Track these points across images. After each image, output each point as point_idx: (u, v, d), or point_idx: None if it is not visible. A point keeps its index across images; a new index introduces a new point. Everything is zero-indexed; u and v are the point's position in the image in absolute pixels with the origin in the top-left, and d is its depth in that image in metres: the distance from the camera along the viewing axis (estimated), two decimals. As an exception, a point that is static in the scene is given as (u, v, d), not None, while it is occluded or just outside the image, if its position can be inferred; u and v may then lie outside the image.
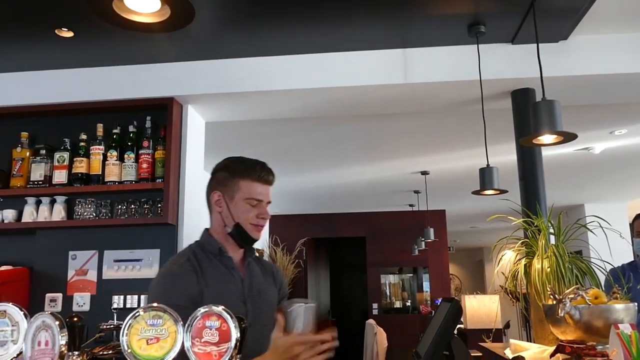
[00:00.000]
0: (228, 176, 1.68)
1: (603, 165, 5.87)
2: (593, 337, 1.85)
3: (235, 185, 1.66)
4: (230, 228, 1.66)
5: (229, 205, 1.66)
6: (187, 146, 3.23)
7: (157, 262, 3.05)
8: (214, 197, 1.68)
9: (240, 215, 1.66)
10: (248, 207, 1.66)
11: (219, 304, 1.52)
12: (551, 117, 1.82)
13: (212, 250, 1.67)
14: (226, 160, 1.73)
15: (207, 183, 1.74)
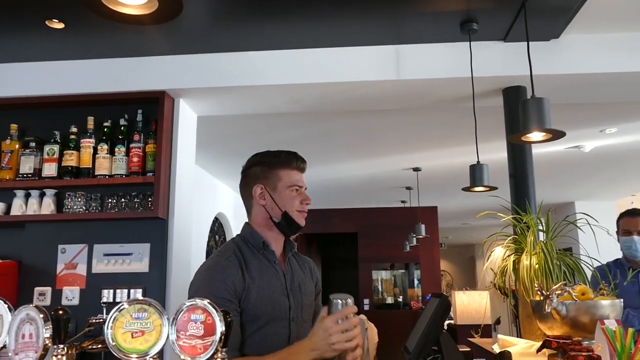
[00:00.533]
0: (266, 169, 1.71)
1: (593, 164, 5.91)
2: (579, 333, 1.87)
3: (276, 176, 1.69)
4: (277, 218, 1.68)
5: (273, 196, 1.68)
6: (179, 140, 3.22)
7: (147, 256, 3.04)
8: (257, 191, 1.69)
9: (286, 204, 1.68)
10: (292, 194, 1.69)
11: (264, 298, 1.57)
12: (540, 115, 1.83)
13: (256, 244, 1.68)
14: (257, 156, 1.76)
15: (241, 182, 1.77)
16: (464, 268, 15.13)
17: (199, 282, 1.55)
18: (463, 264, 15.25)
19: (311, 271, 1.83)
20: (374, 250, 8.67)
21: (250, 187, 1.71)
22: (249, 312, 1.55)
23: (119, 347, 0.87)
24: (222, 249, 1.67)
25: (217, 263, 1.58)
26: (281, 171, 1.70)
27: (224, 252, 1.64)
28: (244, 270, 1.58)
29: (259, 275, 1.60)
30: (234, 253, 1.63)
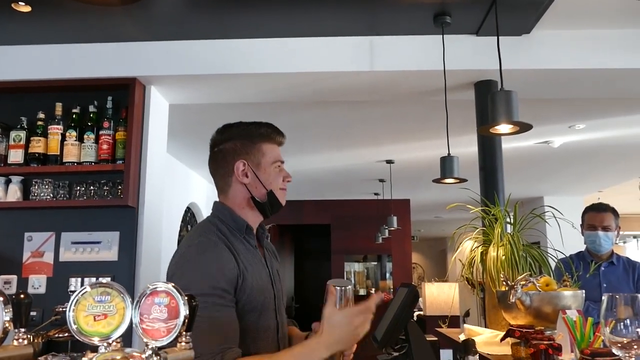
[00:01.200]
0: (247, 143, 1.53)
1: (562, 159, 6.03)
2: (542, 322, 1.92)
3: (259, 152, 1.53)
4: (261, 198, 1.52)
5: (257, 173, 1.52)
6: (150, 128, 3.18)
7: (116, 245, 3.00)
8: (239, 167, 1.51)
9: (272, 182, 1.54)
10: (277, 171, 1.56)
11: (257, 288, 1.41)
12: (508, 107, 1.87)
13: (238, 227, 1.50)
14: (234, 128, 1.58)
15: (214, 158, 1.57)
16: (435, 261, 15.32)
17: (192, 272, 1.34)
18: (434, 257, 15.45)
19: (276, 255, 1.71)
20: (347, 242, 8.71)
21: (230, 164, 1.52)
22: (244, 304, 1.38)
23: (81, 330, 0.86)
24: (202, 230, 1.47)
25: (207, 248, 1.38)
26: (264, 145, 1.54)
27: (206, 234, 1.44)
28: (236, 256, 1.41)
29: (248, 262, 1.44)
30: (218, 236, 1.43)
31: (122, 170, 2.97)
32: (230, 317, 1.32)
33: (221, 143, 1.56)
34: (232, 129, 1.57)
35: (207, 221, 1.53)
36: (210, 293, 1.29)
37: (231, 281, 1.35)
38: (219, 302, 1.30)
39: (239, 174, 1.51)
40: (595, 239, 3.00)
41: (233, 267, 1.37)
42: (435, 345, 2.73)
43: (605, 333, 1.07)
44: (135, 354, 0.84)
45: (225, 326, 1.29)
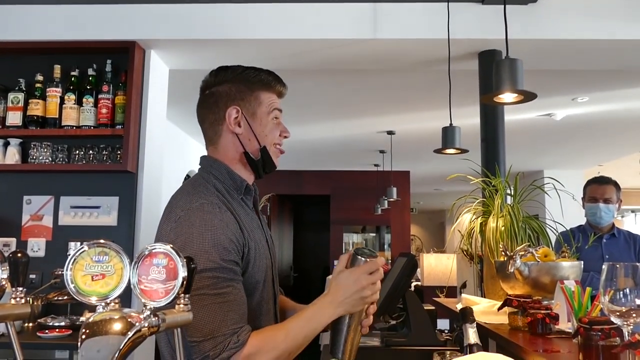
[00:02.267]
0: (243, 88, 1.34)
1: (563, 132, 6.00)
2: (540, 292, 1.93)
3: (256, 99, 1.35)
4: (256, 154, 1.35)
5: (251, 123, 1.33)
6: (149, 93, 3.14)
7: (115, 210, 3.00)
8: (232, 114, 1.32)
9: (268, 135, 1.35)
10: (273, 123, 1.37)
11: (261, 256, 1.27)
12: (513, 76, 1.83)
13: (237, 187, 1.33)
14: (229, 71, 1.38)
15: (204, 102, 1.39)
16: (433, 233, 15.41)
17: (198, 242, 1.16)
18: (433, 230, 15.54)
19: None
20: (346, 213, 8.73)
21: (222, 109, 1.34)
22: (249, 274, 1.25)
23: (78, 290, 0.85)
24: (199, 190, 1.28)
25: (211, 213, 1.20)
26: (262, 93, 1.36)
27: (205, 195, 1.26)
28: (239, 222, 1.25)
29: (250, 228, 1.29)
30: (219, 198, 1.26)
31: (122, 135, 2.95)
32: (241, 292, 1.19)
33: (213, 85, 1.37)
34: (228, 71, 1.38)
35: (201, 179, 1.33)
36: (221, 266, 1.16)
37: (239, 250, 1.21)
38: (230, 276, 1.17)
39: (231, 121, 1.33)
40: (597, 211, 3.00)
41: (240, 236, 1.22)
42: (433, 314, 2.75)
43: (604, 302, 1.07)
44: (134, 314, 0.84)
45: (238, 303, 1.17)
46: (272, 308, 1.37)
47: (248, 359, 1.12)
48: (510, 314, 1.83)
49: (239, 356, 1.11)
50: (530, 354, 1.42)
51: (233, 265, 1.19)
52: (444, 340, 2.34)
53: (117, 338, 0.81)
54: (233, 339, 1.12)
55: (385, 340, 2.28)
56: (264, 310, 1.32)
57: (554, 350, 1.42)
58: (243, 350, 1.12)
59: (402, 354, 2.17)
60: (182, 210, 1.21)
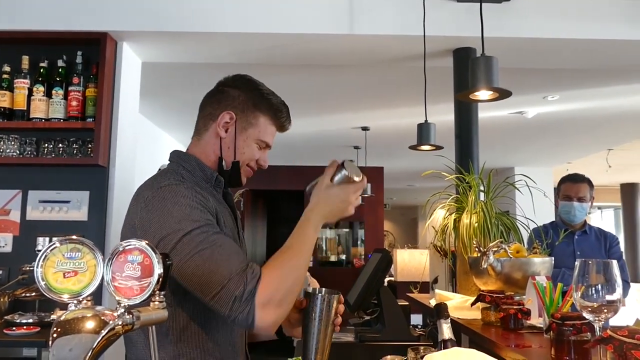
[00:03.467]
0: (249, 103, 1.37)
1: (534, 130, 6.11)
2: (512, 288, 1.96)
3: (254, 119, 1.37)
4: (225, 163, 1.36)
5: (237, 136, 1.36)
6: (121, 86, 3.08)
7: (85, 205, 2.94)
8: (224, 117, 1.35)
9: (245, 154, 1.37)
10: (256, 148, 1.39)
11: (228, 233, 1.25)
12: (488, 73, 1.85)
13: (207, 178, 1.35)
14: (249, 82, 1.40)
15: (212, 95, 1.41)
16: (406, 229, 15.55)
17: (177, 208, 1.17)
18: (406, 225, 15.67)
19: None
20: (320, 209, 8.71)
21: (220, 108, 1.36)
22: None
23: (49, 287, 0.83)
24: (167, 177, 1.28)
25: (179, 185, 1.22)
26: (262, 117, 1.38)
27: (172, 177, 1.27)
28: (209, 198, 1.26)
29: (222, 213, 1.30)
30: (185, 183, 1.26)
31: (93, 128, 2.89)
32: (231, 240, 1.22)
33: (228, 85, 1.40)
34: (248, 81, 1.41)
35: (170, 170, 1.34)
36: (205, 223, 1.17)
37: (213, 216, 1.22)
38: (216, 229, 1.18)
39: (221, 123, 1.35)
40: (570, 209, 3.04)
41: (212, 205, 1.23)
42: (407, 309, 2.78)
43: (576, 297, 1.09)
44: (107, 312, 0.82)
45: (234, 246, 1.19)
46: None
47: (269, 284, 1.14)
48: (483, 309, 1.86)
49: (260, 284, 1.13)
50: (503, 348, 1.44)
51: (214, 221, 1.21)
52: (418, 336, 2.36)
53: (90, 336, 0.79)
54: (249, 272, 1.13)
55: (359, 335, 2.29)
56: None
57: (526, 345, 1.44)
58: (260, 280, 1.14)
59: (376, 349, 2.18)
60: (149, 191, 1.22)
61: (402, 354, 2.02)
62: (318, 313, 1.27)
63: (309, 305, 1.29)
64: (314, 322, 1.28)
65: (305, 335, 1.29)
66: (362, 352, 2.22)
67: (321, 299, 1.28)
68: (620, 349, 0.90)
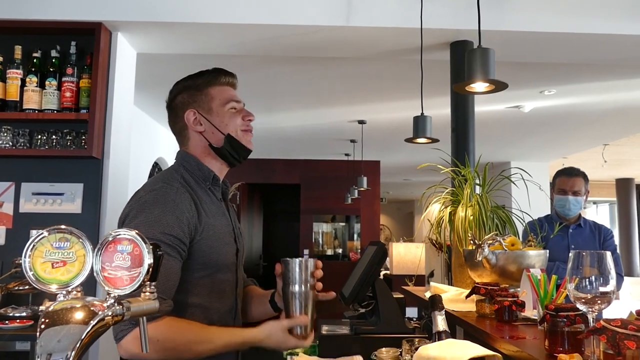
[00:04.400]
0: (193, 92, 1.50)
1: (531, 125, 6.10)
2: (507, 280, 1.95)
3: (207, 96, 1.49)
4: (220, 143, 1.48)
5: (210, 119, 1.48)
6: (116, 77, 3.05)
7: (79, 197, 2.92)
8: (190, 117, 1.48)
9: (228, 124, 1.48)
10: (232, 112, 1.50)
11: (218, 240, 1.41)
12: (485, 65, 1.84)
13: (204, 177, 1.47)
14: (179, 84, 1.55)
15: (170, 118, 1.55)
16: (402, 223, 15.56)
17: (145, 215, 1.30)
18: (402, 219, 15.69)
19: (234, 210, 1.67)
20: (316, 202, 8.73)
21: (181, 117, 1.49)
22: (202, 255, 1.37)
23: (37, 278, 0.82)
24: (165, 177, 1.42)
25: (167, 195, 1.34)
26: (211, 89, 1.50)
27: (168, 180, 1.40)
28: (198, 205, 1.38)
29: (211, 213, 1.42)
30: (181, 184, 1.40)
31: (87, 120, 2.86)
32: (173, 268, 1.29)
33: (171, 101, 1.55)
34: (179, 83, 1.55)
35: (172, 169, 1.48)
36: (159, 239, 1.25)
37: (187, 230, 1.33)
38: (166, 250, 1.26)
39: (192, 123, 1.48)
40: (565, 203, 3.05)
41: (192, 216, 1.34)
42: (402, 302, 2.77)
43: (570, 289, 1.09)
44: (97, 303, 0.81)
45: (165, 275, 1.25)
46: (231, 290, 1.49)
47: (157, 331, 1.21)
48: (478, 301, 1.85)
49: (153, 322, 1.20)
50: (497, 340, 1.44)
51: (172, 240, 1.29)
52: (413, 328, 2.36)
53: (78, 327, 0.78)
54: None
55: (354, 328, 2.29)
56: (220, 292, 1.44)
57: (520, 336, 1.44)
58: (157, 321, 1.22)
59: (371, 341, 2.18)
60: (144, 191, 1.37)
61: (397, 346, 2.02)
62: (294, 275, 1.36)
63: (284, 270, 1.38)
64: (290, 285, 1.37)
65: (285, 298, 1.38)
66: (358, 345, 2.22)
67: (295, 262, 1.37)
68: (613, 339, 0.90)
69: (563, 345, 1.14)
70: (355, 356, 2.18)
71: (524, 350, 1.27)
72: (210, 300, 1.40)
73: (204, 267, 1.38)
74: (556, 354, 1.14)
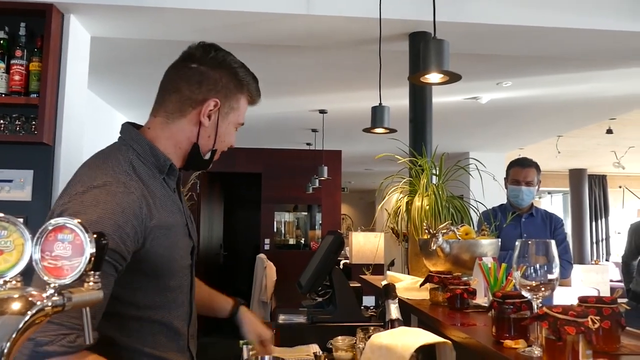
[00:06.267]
0: (230, 86, 1.30)
1: (488, 116, 6.23)
2: (460, 269, 1.99)
3: (236, 102, 1.32)
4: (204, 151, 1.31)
5: (219, 123, 1.30)
6: (68, 60, 2.95)
7: (29, 184, 2.82)
8: (209, 105, 1.27)
9: (224, 140, 1.33)
10: (232, 132, 1.35)
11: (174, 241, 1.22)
12: (439, 57, 1.86)
13: (160, 166, 1.25)
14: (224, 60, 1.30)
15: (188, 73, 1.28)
16: (364, 213, 15.70)
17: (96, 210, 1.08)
18: (364, 209, 15.82)
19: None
20: (278, 192, 8.70)
21: (203, 94, 1.27)
22: (150, 263, 1.18)
23: (-28, 267, 0.78)
24: (110, 166, 1.18)
25: (110, 197, 1.11)
26: (243, 98, 1.35)
27: (114, 172, 1.16)
28: (151, 204, 1.17)
29: (165, 211, 1.22)
30: (130, 177, 1.17)
31: (37, 105, 2.76)
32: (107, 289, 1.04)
33: (204, 64, 1.29)
34: (227, 57, 1.32)
35: (117, 153, 1.23)
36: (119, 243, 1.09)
37: (131, 241, 1.11)
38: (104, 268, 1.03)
39: (205, 111, 1.27)
40: (519, 193, 3.12)
41: (140, 223, 1.13)
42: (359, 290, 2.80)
43: (516, 277, 1.11)
44: (35, 293, 0.78)
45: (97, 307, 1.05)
46: (186, 294, 1.31)
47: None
48: (432, 290, 1.88)
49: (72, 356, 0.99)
50: (448, 327, 1.46)
51: (112, 255, 1.07)
52: (369, 317, 2.39)
53: (15, 318, 0.75)
54: (70, 337, 0.99)
55: (311, 317, 2.30)
56: (179, 300, 1.27)
57: (471, 323, 1.47)
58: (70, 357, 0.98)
59: (328, 330, 2.20)
60: (82, 186, 1.13)
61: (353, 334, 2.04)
62: None
63: None
64: None
65: None
66: (314, 333, 2.23)
67: None
68: (554, 325, 0.93)
69: (509, 331, 1.17)
70: (311, 345, 2.20)
71: (472, 337, 1.30)
72: (166, 308, 1.24)
73: (154, 276, 1.20)
74: (502, 340, 1.17)
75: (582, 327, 0.92)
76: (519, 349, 1.12)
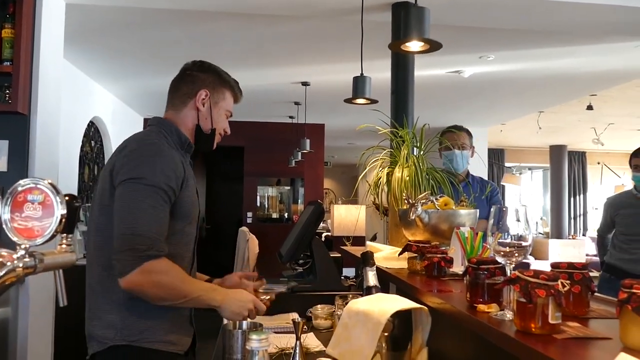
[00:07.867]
0: (218, 81, 1.75)
1: (471, 90, 6.23)
2: (438, 239, 2.01)
3: (222, 94, 1.75)
4: (206, 131, 1.72)
5: (212, 108, 1.73)
6: (42, 27, 2.88)
7: (5, 155, 2.77)
8: (201, 94, 1.71)
9: (219, 123, 1.76)
10: (224, 118, 1.78)
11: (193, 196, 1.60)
12: (420, 24, 1.85)
13: (182, 143, 1.68)
14: (211, 65, 1.77)
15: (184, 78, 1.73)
16: (347, 187, 15.74)
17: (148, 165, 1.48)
18: (347, 183, 15.87)
19: None
20: (260, 165, 8.67)
21: (196, 88, 1.70)
22: (183, 205, 1.55)
23: (-62, 229, 0.77)
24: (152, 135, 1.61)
25: (162, 147, 1.54)
26: (227, 92, 1.77)
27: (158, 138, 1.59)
28: (183, 162, 1.60)
29: (189, 173, 1.63)
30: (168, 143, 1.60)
31: (10, 73, 2.70)
32: (167, 216, 1.49)
33: (196, 70, 1.74)
34: (210, 67, 1.77)
35: (153, 132, 1.64)
36: (161, 188, 1.47)
37: (178, 182, 1.52)
38: (165, 198, 1.47)
39: (199, 100, 1.70)
40: (453, 157, 3.09)
41: (181, 171, 1.55)
42: (339, 261, 2.82)
43: (490, 242, 1.13)
44: (4, 254, 0.77)
45: (164, 221, 1.47)
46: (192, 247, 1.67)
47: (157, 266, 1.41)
48: (410, 258, 1.90)
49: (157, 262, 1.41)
50: (425, 294, 1.49)
51: (169, 191, 1.49)
52: (348, 286, 2.41)
53: (-16, 279, 0.74)
54: (160, 245, 1.42)
55: (291, 286, 2.31)
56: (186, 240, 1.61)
57: (447, 290, 1.50)
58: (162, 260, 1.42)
59: (308, 299, 2.22)
60: (135, 144, 1.56)
61: (333, 303, 2.06)
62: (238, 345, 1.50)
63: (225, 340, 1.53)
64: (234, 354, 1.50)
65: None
66: (294, 302, 2.25)
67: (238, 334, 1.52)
68: (526, 288, 0.94)
69: (483, 296, 1.19)
70: (291, 313, 2.22)
71: (447, 302, 1.32)
72: (179, 251, 1.56)
73: (182, 218, 1.56)
74: (476, 305, 1.19)
75: (552, 290, 0.94)
76: (492, 313, 1.14)
